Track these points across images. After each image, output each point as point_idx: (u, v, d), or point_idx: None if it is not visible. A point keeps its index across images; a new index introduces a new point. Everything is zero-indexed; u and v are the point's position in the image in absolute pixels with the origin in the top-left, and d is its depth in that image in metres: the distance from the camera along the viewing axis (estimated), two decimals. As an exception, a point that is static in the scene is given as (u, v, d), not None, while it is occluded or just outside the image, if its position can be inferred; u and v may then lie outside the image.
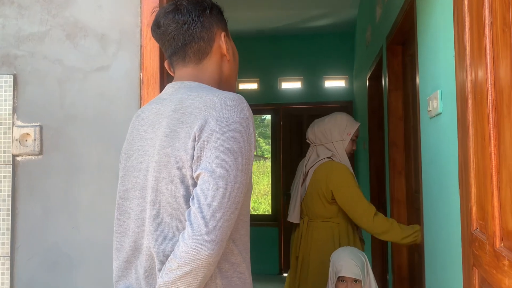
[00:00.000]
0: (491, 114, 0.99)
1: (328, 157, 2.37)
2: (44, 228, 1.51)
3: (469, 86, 1.22)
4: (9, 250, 1.50)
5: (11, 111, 1.53)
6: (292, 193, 2.51)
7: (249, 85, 5.65)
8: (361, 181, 4.87)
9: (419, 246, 2.32)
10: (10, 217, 1.51)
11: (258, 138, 8.58)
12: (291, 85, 5.69)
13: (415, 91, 2.91)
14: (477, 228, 1.20)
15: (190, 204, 0.95)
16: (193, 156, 0.97)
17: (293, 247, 2.44)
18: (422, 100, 2.14)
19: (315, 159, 2.41)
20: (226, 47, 1.16)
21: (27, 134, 1.52)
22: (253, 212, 7.88)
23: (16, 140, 1.52)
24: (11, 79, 1.53)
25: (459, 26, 1.32)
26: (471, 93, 1.19)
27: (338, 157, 2.36)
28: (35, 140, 1.51)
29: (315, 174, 2.35)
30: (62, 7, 1.54)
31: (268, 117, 5.82)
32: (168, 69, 1.21)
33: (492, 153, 0.98)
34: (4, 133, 1.53)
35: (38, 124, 1.53)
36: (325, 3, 4.69)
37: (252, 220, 4.78)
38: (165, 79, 1.51)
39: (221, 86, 1.17)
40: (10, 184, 1.51)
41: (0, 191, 1.51)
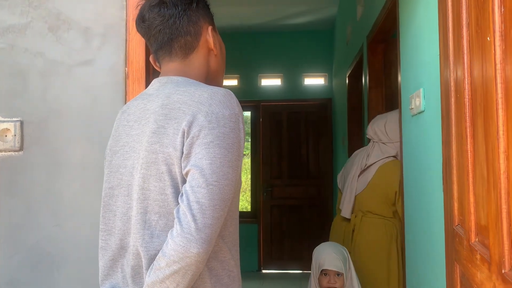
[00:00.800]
0: (468, 113, 1.01)
1: (393, 156, 2.33)
2: (25, 226, 1.46)
3: (452, 85, 1.25)
4: (-12, 249, 1.46)
5: (-10, 106, 1.48)
6: (345, 187, 2.44)
7: (229, 82, 5.63)
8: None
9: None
10: (-11, 215, 1.46)
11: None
12: (271, 82, 5.69)
13: (396, 89, 2.96)
14: (459, 224, 1.23)
15: (179, 201, 0.93)
16: (182, 153, 0.95)
17: (345, 242, 2.36)
18: (404, 98, 2.17)
19: (379, 156, 2.35)
20: (213, 42, 1.14)
21: (7, 130, 1.47)
22: (232, 209, 7.84)
23: (-4, 136, 1.47)
24: (-10, 73, 1.48)
25: (444, 26, 1.34)
26: (454, 92, 1.22)
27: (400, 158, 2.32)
28: (15, 136, 1.47)
29: (381, 171, 2.29)
30: (44, -1, 1.50)
31: (248, 114, 5.81)
32: (154, 64, 1.19)
33: (468, 151, 1.01)
34: (-17, 128, 1.48)
35: (19, 119, 1.48)
36: (305, 1, 4.71)
37: (232, 217, 4.76)
38: (151, 74, 1.49)
39: (209, 81, 1.15)
40: (-11, 181, 1.46)
41: (-21, 188, 1.46)
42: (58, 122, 1.48)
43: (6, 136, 1.47)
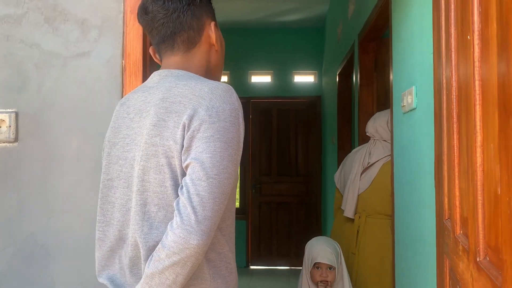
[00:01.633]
0: (455, 109, 1.04)
1: None
2: (19, 218, 1.45)
3: (444, 83, 1.28)
4: (-19, 241, 1.44)
5: (-16, 96, 1.47)
6: (347, 186, 2.38)
7: (219, 78, 5.63)
8: (329, 174, 4.96)
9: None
10: (-17, 207, 1.45)
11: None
12: (261, 79, 5.70)
13: (386, 88, 2.99)
14: (448, 218, 1.26)
15: (179, 194, 0.94)
16: (182, 146, 0.96)
17: (348, 244, 2.32)
18: (396, 96, 2.20)
19: (382, 153, 2.31)
20: (215, 37, 1.15)
21: (2, 121, 1.46)
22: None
23: (-10, 127, 1.46)
24: (-15, 63, 1.47)
25: (437, 24, 1.37)
26: (445, 90, 1.25)
27: None
28: (10, 127, 1.46)
29: (385, 169, 2.24)
30: (40, -10, 1.49)
31: (237, 110, 5.81)
32: (153, 56, 1.19)
33: (455, 146, 1.04)
34: (-23, 119, 1.46)
35: (14, 111, 1.47)
36: (297, -2, 4.73)
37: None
38: (148, 67, 1.49)
39: (208, 76, 1.15)
40: (-17, 173, 1.45)
41: (-28, 180, 1.45)
42: (54, 114, 1.47)
43: (1, 127, 1.46)
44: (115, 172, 1.08)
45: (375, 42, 3.01)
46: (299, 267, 5.26)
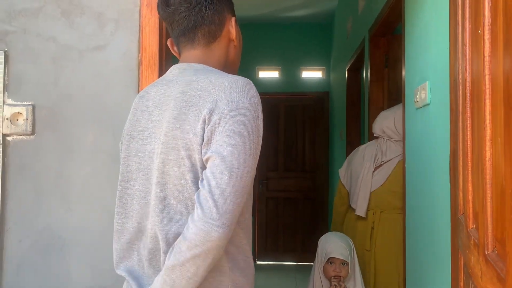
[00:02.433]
0: (468, 104, 1.04)
1: None
2: (36, 210, 1.47)
3: (460, 78, 1.28)
4: (-2, 233, 1.46)
5: (2, 89, 1.48)
6: (357, 184, 2.36)
7: (227, 73, 5.63)
8: (337, 170, 4.95)
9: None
10: (0, 198, 1.46)
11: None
12: (269, 74, 5.70)
13: (397, 83, 2.98)
14: (463, 213, 1.26)
15: (200, 187, 0.95)
16: (203, 139, 0.97)
17: (362, 241, 2.31)
18: (408, 91, 2.19)
19: (397, 151, 2.31)
20: (235, 33, 1.15)
21: (19, 113, 1.47)
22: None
23: (7, 119, 1.47)
24: (2, 56, 1.47)
25: (454, 19, 1.36)
26: (461, 85, 1.25)
27: None
28: (27, 120, 1.46)
29: (401, 167, 2.23)
30: (57, -17, 1.49)
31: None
32: (171, 48, 1.19)
33: (468, 141, 1.04)
34: (-6, 112, 1.48)
35: (31, 103, 1.48)
36: (305, -6, 4.71)
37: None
38: (164, 61, 1.49)
39: (225, 71, 1.15)
40: (0, 165, 1.46)
41: (-11, 172, 1.46)
42: (70, 107, 1.48)
43: (18, 120, 1.47)
44: (134, 165, 1.08)
45: (386, 38, 3.00)
46: (306, 263, 5.31)
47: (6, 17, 1.48)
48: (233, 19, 1.15)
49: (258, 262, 5.50)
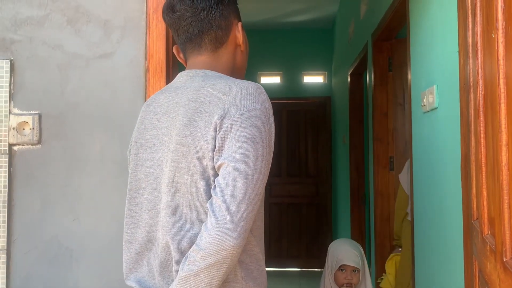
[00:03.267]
0: (481, 108, 1.03)
1: None
2: (43, 221, 1.45)
3: (471, 81, 1.26)
4: (5, 244, 1.44)
5: (8, 98, 1.46)
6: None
7: (228, 79, 5.62)
8: (340, 175, 4.94)
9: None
10: (6, 209, 1.44)
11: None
12: (271, 80, 5.70)
13: (401, 87, 2.97)
14: (477, 219, 1.24)
15: (212, 194, 0.93)
16: (214, 146, 0.95)
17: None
18: (415, 95, 2.18)
19: None
20: (241, 38, 1.14)
21: (25, 123, 1.45)
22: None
23: (13, 129, 1.45)
24: (8, 65, 1.46)
25: (464, 22, 1.35)
26: (472, 88, 1.24)
27: None
28: (33, 129, 1.45)
29: None
30: (62, -9, 1.48)
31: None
32: (177, 55, 1.18)
33: (482, 145, 1.03)
34: (0, 121, 1.46)
35: (37, 112, 1.46)
36: (306, -1, 4.72)
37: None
38: (171, 68, 1.48)
39: (233, 77, 1.14)
40: (7, 175, 1.45)
41: (-5, 182, 1.44)
42: (77, 116, 1.46)
43: (24, 130, 1.45)
44: (143, 173, 1.06)
45: (390, 42, 3.00)
46: (310, 269, 5.27)
47: (12, 26, 1.47)
48: (239, 24, 1.15)
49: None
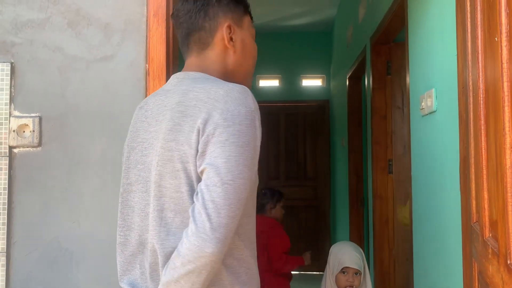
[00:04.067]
0: (482, 111, 1.04)
1: None
2: (43, 223, 1.45)
3: (471, 85, 1.27)
4: (5, 246, 1.44)
5: (8, 101, 1.47)
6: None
7: (227, 82, 5.63)
8: (339, 178, 4.94)
9: (405, 240, 2.37)
10: (6, 211, 1.44)
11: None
12: (269, 83, 5.71)
13: (400, 90, 2.98)
14: (476, 221, 1.24)
15: (194, 200, 0.92)
16: (197, 151, 0.94)
17: None
18: (413, 99, 2.19)
19: None
20: (231, 38, 1.11)
21: (25, 125, 1.46)
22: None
23: (13, 131, 1.45)
24: (8, 67, 1.47)
25: (462, 26, 1.36)
26: (472, 92, 1.25)
27: None
28: (34, 131, 1.45)
29: None
30: (63, -6, 1.49)
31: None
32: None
33: (483, 148, 1.03)
34: (0, 124, 1.46)
35: (37, 115, 1.47)
36: (304, 2, 4.73)
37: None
38: (171, 71, 1.48)
39: (230, 79, 1.12)
40: (7, 177, 1.45)
41: (-5, 184, 1.44)
42: (77, 118, 1.47)
43: (24, 132, 1.45)
44: (134, 177, 1.07)
45: (388, 46, 3.01)
46: (309, 272, 5.26)
47: (12, 29, 1.48)
48: (227, 25, 1.11)
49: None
